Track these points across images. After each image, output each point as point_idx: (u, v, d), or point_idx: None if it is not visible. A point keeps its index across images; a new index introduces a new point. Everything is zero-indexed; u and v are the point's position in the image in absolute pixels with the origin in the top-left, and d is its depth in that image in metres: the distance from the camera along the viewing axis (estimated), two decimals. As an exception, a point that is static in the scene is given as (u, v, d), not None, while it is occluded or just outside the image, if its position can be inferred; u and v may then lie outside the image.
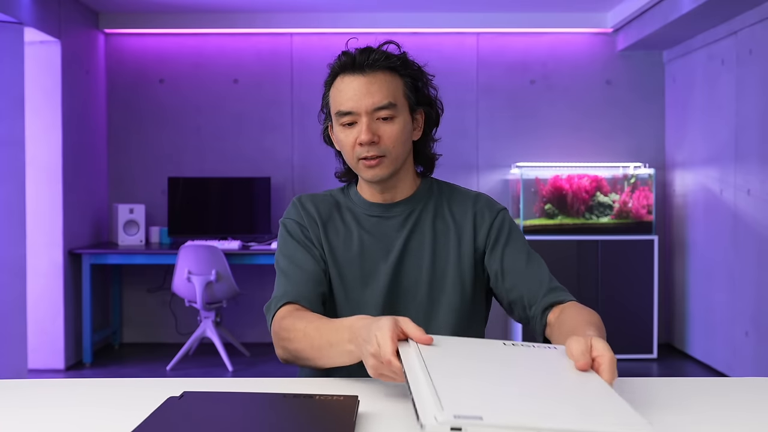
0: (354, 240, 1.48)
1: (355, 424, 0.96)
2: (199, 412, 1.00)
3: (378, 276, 1.46)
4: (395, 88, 1.43)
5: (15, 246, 4.18)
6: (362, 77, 1.42)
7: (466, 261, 1.47)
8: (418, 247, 1.48)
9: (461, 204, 1.52)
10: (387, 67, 1.43)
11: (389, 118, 1.42)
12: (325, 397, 1.05)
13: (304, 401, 1.05)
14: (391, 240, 1.48)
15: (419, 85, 1.48)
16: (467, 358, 1.04)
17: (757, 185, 4.14)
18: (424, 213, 1.50)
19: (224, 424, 0.95)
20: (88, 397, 1.17)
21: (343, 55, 1.45)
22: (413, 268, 1.47)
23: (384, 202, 1.50)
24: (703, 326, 4.86)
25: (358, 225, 1.50)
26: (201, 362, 4.89)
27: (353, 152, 1.43)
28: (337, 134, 1.46)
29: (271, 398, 1.07)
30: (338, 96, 1.43)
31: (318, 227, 1.49)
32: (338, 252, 1.48)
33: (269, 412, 1.02)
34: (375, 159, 1.41)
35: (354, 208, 1.52)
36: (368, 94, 1.41)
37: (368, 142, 1.40)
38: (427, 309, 1.46)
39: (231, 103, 5.46)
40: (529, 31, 5.38)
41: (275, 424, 1.00)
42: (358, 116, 1.41)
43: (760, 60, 4.11)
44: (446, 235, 1.49)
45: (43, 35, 4.51)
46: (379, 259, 1.47)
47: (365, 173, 1.44)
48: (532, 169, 5.17)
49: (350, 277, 1.46)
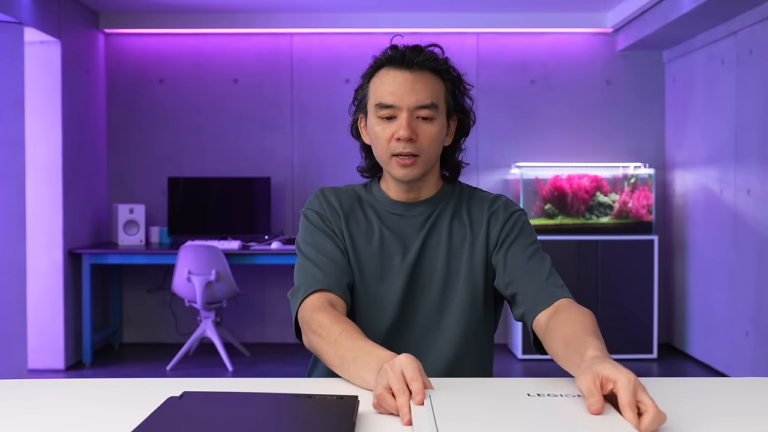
0: (375, 234, 1.49)
1: (355, 424, 0.96)
2: (199, 412, 1.00)
3: (396, 272, 1.46)
4: (438, 90, 1.44)
5: (15, 246, 4.18)
6: (409, 73, 1.42)
7: (478, 261, 1.47)
8: (435, 246, 1.48)
9: (479, 206, 1.52)
10: (434, 68, 1.44)
11: (429, 119, 1.42)
12: (325, 397, 1.05)
13: (303, 401, 1.05)
14: (410, 238, 1.48)
15: (457, 92, 1.49)
16: (481, 420, 0.96)
17: (757, 185, 4.14)
18: (443, 214, 1.51)
19: (224, 424, 0.95)
20: (88, 397, 1.17)
21: (393, 49, 1.44)
22: (429, 267, 1.47)
23: (407, 201, 1.51)
24: (703, 326, 4.86)
25: (379, 220, 1.50)
26: (201, 362, 4.88)
27: (388, 147, 1.43)
28: (372, 127, 1.45)
29: (270, 398, 1.07)
30: (381, 88, 1.43)
31: (340, 219, 1.50)
32: (359, 244, 1.48)
33: (269, 412, 1.02)
34: (410, 158, 1.42)
35: (376, 204, 1.52)
36: (413, 91, 1.41)
37: (407, 138, 1.40)
38: (439, 307, 1.46)
39: (231, 103, 5.46)
40: (529, 31, 5.38)
41: (275, 424, 1.00)
42: (399, 111, 1.41)
43: (760, 60, 4.11)
44: (461, 235, 1.49)
45: (43, 35, 4.51)
46: (398, 255, 1.47)
47: (397, 171, 1.44)
48: (532, 169, 5.17)
49: (369, 271, 1.47)
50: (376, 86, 1.45)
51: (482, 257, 1.47)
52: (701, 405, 1.08)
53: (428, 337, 1.46)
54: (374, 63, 1.47)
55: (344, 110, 1.78)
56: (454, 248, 1.48)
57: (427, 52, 1.44)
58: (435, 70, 1.44)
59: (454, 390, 1.11)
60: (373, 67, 1.47)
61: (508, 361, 5.00)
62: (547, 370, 4.75)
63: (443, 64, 1.46)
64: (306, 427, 0.99)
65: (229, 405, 1.02)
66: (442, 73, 1.45)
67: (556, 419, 0.97)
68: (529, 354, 4.93)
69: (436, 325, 1.46)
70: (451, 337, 1.45)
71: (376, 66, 1.46)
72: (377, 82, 1.45)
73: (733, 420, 1.03)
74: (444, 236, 1.49)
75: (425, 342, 1.46)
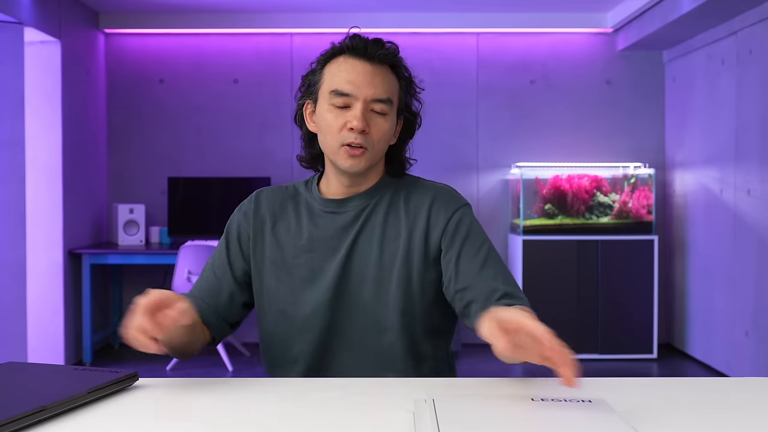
0: (303, 237, 1.44)
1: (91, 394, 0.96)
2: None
3: (325, 274, 1.41)
4: (394, 87, 1.42)
5: (15, 246, 4.18)
6: (369, 65, 1.39)
7: (414, 261, 1.40)
8: (367, 243, 1.42)
9: (418, 198, 1.45)
10: (392, 64, 1.42)
11: (382, 114, 1.39)
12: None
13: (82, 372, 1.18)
14: (340, 237, 1.43)
15: (409, 93, 1.47)
16: (485, 427, 0.94)
17: (757, 185, 4.14)
18: (378, 207, 1.44)
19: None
20: (88, 397, 1.17)
21: (355, 37, 1.41)
22: (360, 267, 1.41)
23: (342, 197, 1.46)
24: (703, 326, 4.86)
25: (310, 221, 1.46)
26: (201, 362, 4.88)
27: (338, 136, 1.38)
28: (323, 114, 1.40)
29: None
30: (339, 75, 1.39)
31: (263, 228, 1.48)
32: (287, 249, 1.45)
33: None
34: (359, 149, 1.38)
35: (312, 203, 1.48)
36: (372, 83, 1.38)
37: (360, 129, 1.36)
38: (373, 310, 1.40)
39: (231, 103, 5.46)
40: (529, 31, 5.38)
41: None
42: (355, 101, 1.38)
43: (760, 60, 4.11)
44: (396, 230, 1.42)
45: (43, 35, 4.51)
46: (326, 256, 1.42)
47: (344, 161, 1.39)
48: (532, 169, 5.17)
49: (297, 275, 1.43)
50: (332, 73, 1.40)
51: (419, 256, 1.40)
52: (701, 405, 1.08)
53: (369, 336, 1.40)
54: (331, 49, 1.42)
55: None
56: (387, 245, 1.41)
57: (388, 46, 1.42)
58: (393, 66, 1.42)
59: (456, 394, 1.10)
60: (329, 53, 1.42)
61: (508, 361, 4.99)
62: (547, 370, 4.74)
63: (401, 62, 1.44)
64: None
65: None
66: (398, 70, 1.44)
67: (561, 426, 0.96)
68: (529, 354, 4.92)
69: (375, 324, 1.40)
70: (394, 338, 1.39)
71: (334, 53, 1.42)
72: (334, 69, 1.40)
73: (732, 420, 1.03)
74: (378, 232, 1.42)
75: (367, 342, 1.40)
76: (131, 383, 1.16)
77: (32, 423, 0.95)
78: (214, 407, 1.07)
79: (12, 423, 0.92)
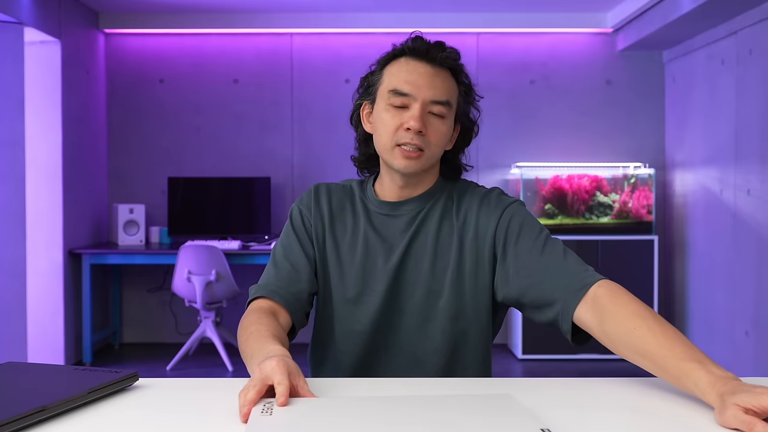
0: (360, 238, 1.44)
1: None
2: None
3: (378, 276, 1.41)
4: (453, 91, 1.42)
5: (15, 246, 4.18)
6: (429, 67, 1.39)
7: (467, 265, 1.40)
8: (421, 248, 1.42)
9: (469, 202, 1.45)
10: (453, 68, 1.42)
11: (440, 116, 1.39)
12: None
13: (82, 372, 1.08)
14: (395, 240, 1.43)
15: (467, 100, 1.47)
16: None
17: (757, 185, 4.14)
18: (432, 212, 1.44)
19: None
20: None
21: (417, 39, 1.41)
22: (413, 271, 1.41)
23: (397, 200, 1.45)
24: (703, 326, 4.86)
25: (367, 221, 1.45)
26: (201, 362, 4.89)
27: (394, 135, 1.38)
28: (381, 113, 1.40)
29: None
30: (399, 75, 1.39)
31: (324, 222, 1.47)
32: (342, 248, 1.45)
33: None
34: (416, 150, 1.37)
35: (367, 203, 1.48)
36: (432, 85, 1.38)
37: (417, 129, 1.35)
38: (424, 313, 1.40)
39: (231, 103, 5.46)
40: (529, 31, 5.38)
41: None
42: (413, 101, 1.37)
43: (760, 60, 4.11)
44: (450, 235, 1.42)
45: (43, 35, 4.51)
46: (382, 259, 1.42)
47: (399, 161, 1.38)
48: (532, 169, 5.17)
49: (351, 275, 1.43)
50: (392, 73, 1.40)
51: (472, 260, 1.40)
52: (701, 405, 1.08)
53: (414, 342, 1.41)
54: (393, 51, 1.42)
55: (344, 110, 1.77)
56: (441, 250, 1.41)
57: (450, 51, 1.42)
58: (453, 71, 1.42)
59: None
60: (390, 55, 1.43)
61: (508, 361, 4.99)
62: (547, 370, 4.75)
63: (461, 68, 1.44)
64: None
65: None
66: (458, 75, 1.43)
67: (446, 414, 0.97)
68: (529, 354, 4.92)
69: (421, 330, 1.40)
70: (438, 344, 1.40)
71: (395, 54, 1.42)
72: (394, 70, 1.40)
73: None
74: (431, 236, 1.42)
75: (411, 347, 1.41)
76: (131, 383, 1.16)
77: (32, 423, 0.96)
78: (214, 407, 1.07)
79: (12, 423, 0.92)
